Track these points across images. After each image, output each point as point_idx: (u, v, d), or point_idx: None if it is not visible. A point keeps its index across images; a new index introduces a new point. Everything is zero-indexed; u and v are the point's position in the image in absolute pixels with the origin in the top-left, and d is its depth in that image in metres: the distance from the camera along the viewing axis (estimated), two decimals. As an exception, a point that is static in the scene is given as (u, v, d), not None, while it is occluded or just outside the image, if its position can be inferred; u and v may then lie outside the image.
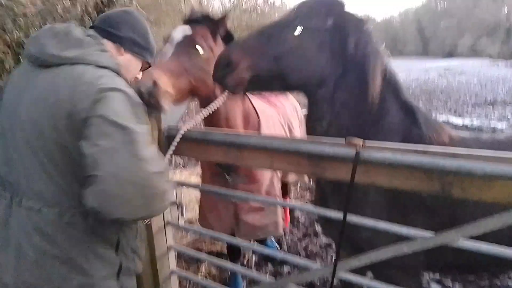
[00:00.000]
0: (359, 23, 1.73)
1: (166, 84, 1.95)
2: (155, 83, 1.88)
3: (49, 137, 1.38)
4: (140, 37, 1.71)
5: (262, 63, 1.64)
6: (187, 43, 2.19)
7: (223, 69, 1.65)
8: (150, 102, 1.88)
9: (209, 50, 2.25)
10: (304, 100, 1.90)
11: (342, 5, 1.75)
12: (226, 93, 1.86)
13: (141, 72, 1.86)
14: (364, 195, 1.80)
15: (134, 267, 1.68)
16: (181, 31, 2.23)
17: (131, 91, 1.48)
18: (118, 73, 1.53)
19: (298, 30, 1.66)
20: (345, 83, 1.74)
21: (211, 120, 2.38)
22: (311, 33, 1.67)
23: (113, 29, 1.65)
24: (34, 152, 1.42)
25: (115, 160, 1.26)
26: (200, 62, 2.19)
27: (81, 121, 1.34)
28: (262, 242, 3.54)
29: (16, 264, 1.45)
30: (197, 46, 2.21)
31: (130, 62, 1.72)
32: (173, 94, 2.04)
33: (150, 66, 1.88)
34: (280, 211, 2.91)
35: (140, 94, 1.87)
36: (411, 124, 1.85)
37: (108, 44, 1.62)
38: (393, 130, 1.80)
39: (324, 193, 2.02)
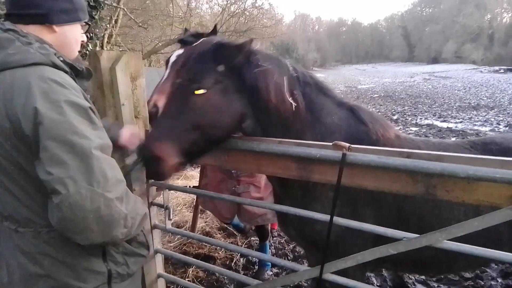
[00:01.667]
0: (242, 50, 1.67)
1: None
2: (156, 107, 2.19)
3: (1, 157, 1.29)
4: (64, 0, 1.45)
5: (185, 137, 1.62)
6: None
7: (155, 166, 1.61)
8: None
9: None
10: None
11: (223, 46, 1.71)
12: None
13: (84, 34, 1.62)
14: (313, 190, 1.84)
15: (127, 270, 1.58)
16: (176, 54, 2.53)
17: (67, 88, 1.28)
18: (51, 63, 1.32)
19: (199, 92, 1.63)
20: (258, 106, 1.74)
21: None
22: (210, 87, 1.64)
23: (31, 9, 1.38)
24: None
25: (72, 190, 1.18)
26: None
27: (26, 138, 1.23)
28: (264, 235, 3.59)
29: (8, 281, 1.42)
30: None
31: (67, 34, 1.49)
32: None
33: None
34: None
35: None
36: (355, 121, 1.88)
37: (34, 29, 1.39)
38: (336, 130, 1.82)
39: (279, 198, 2.07)
